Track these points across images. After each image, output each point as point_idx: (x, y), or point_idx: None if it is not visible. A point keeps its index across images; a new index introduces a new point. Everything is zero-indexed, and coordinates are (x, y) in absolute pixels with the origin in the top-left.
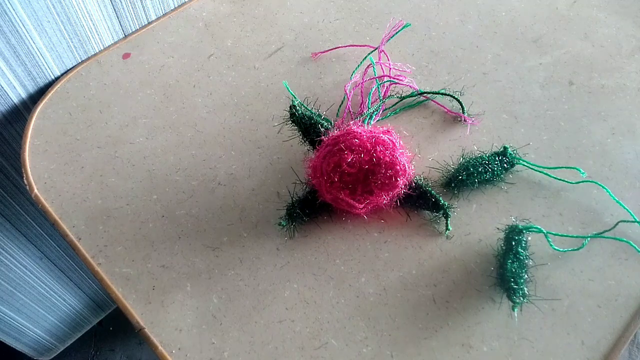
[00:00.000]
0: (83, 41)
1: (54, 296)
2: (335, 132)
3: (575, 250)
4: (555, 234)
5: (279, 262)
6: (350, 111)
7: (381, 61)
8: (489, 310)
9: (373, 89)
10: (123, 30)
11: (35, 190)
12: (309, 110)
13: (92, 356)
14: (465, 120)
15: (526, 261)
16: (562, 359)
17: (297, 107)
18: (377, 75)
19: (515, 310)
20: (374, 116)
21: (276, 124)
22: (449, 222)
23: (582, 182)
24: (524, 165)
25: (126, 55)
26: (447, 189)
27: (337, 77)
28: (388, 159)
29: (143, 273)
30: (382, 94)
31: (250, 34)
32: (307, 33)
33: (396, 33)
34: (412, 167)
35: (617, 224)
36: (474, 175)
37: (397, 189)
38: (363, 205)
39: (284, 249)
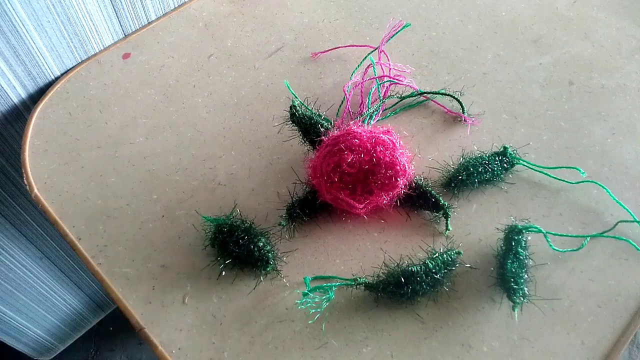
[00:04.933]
0: (83, 41)
1: (54, 296)
2: (335, 132)
3: (575, 250)
4: (555, 234)
5: (278, 262)
6: (350, 111)
7: (381, 61)
8: (489, 310)
9: (373, 89)
10: (123, 30)
11: (35, 190)
12: (309, 110)
13: (92, 356)
14: (465, 120)
15: (526, 261)
16: (562, 359)
17: (297, 107)
18: (377, 75)
19: (516, 310)
20: (374, 116)
21: (276, 124)
22: (449, 222)
23: (582, 182)
24: (524, 165)
25: (126, 55)
26: (447, 189)
27: (337, 77)
28: (388, 159)
29: (143, 273)
30: (382, 94)
31: (250, 34)
32: (307, 33)
33: (396, 33)
34: (412, 167)
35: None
36: (474, 175)
37: (397, 189)
38: (363, 205)
39: (284, 249)
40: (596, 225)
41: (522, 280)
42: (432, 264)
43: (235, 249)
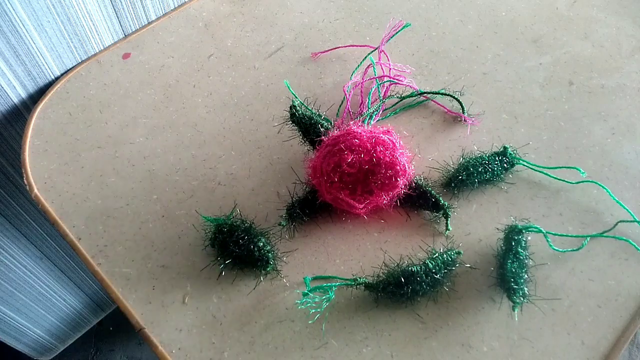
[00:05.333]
0: (83, 41)
1: (54, 296)
2: (335, 132)
3: (575, 250)
4: (555, 234)
5: (278, 262)
6: (350, 111)
7: (381, 61)
8: (489, 310)
9: (373, 89)
10: (123, 30)
11: (35, 190)
12: (309, 110)
13: (92, 356)
14: (465, 120)
15: (526, 261)
16: (562, 359)
17: (298, 107)
18: (377, 75)
19: (516, 310)
20: (374, 116)
21: (276, 124)
22: (449, 222)
23: (582, 182)
24: (524, 165)
25: (126, 55)
26: (447, 189)
27: (337, 77)
28: (388, 159)
29: (143, 273)
30: (382, 94)
31: (250, 34)
32: (307, 33)
33: (396, 33)
34: (412, 167)
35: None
36: (474, 175)
37: (397, 189)
38: (363, 205)
39: (284, 249)
40: (596, 225)
41: (522, 280)
42: (432, 264)
43: (235, 249)
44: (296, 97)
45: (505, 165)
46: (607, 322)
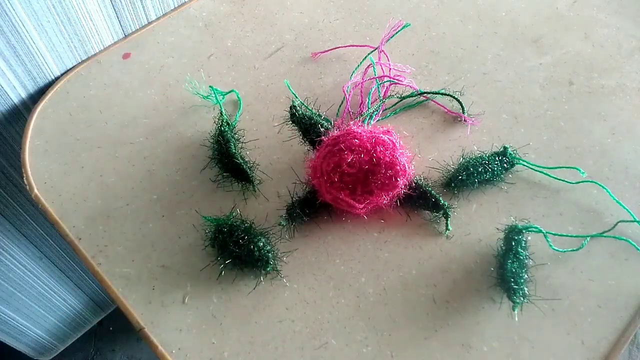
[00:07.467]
0: (83, 41)
1: (54, 296)
2: (335, 132)
3: (575, 250)
4: (555, 234)
5: (278, 262)
6: (350, 111)
7: (381, 61)
8: (489, 310)
9: (373, 89)
10: (123, 30)
11: (35, 190)
12: (309, 110)
13: (92, 356)
14: (465, 120)
15: (526, 261)
16: (562, 359)
17: (298, 107)
18: (377, 75)
19: (516, 310)
20: (374, 116)
21: (276, 124)
22: (449, 222)
23: (582, 182)
24: (524, 165)
25: (126, 55)
26: (447, 189)
27: (337, 77)
28: (388, 159)
29: (143, 273)
30: (382, 94)
31: (250, 34)
32: (307, 33)
33: (396, 33)
34: (412, 167)
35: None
36: (474, 175)
37: (397, 189)
38: (363, 205)
39: (284, 249)
40: (596, 225)
41: (522, 280)
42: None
43: (235, 249)
44: (296, 97)
45: (505, 165)
46: (607, 322)
